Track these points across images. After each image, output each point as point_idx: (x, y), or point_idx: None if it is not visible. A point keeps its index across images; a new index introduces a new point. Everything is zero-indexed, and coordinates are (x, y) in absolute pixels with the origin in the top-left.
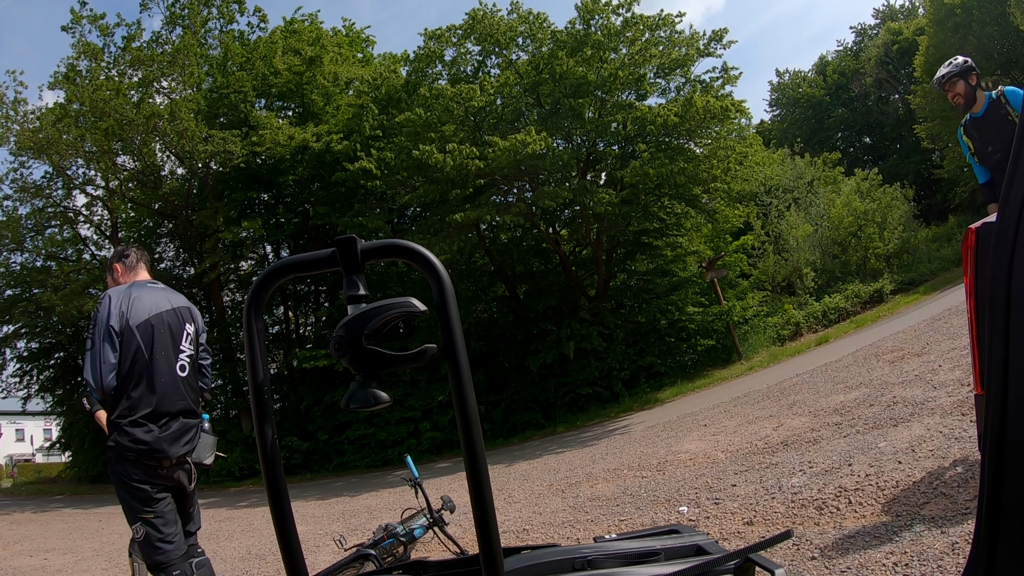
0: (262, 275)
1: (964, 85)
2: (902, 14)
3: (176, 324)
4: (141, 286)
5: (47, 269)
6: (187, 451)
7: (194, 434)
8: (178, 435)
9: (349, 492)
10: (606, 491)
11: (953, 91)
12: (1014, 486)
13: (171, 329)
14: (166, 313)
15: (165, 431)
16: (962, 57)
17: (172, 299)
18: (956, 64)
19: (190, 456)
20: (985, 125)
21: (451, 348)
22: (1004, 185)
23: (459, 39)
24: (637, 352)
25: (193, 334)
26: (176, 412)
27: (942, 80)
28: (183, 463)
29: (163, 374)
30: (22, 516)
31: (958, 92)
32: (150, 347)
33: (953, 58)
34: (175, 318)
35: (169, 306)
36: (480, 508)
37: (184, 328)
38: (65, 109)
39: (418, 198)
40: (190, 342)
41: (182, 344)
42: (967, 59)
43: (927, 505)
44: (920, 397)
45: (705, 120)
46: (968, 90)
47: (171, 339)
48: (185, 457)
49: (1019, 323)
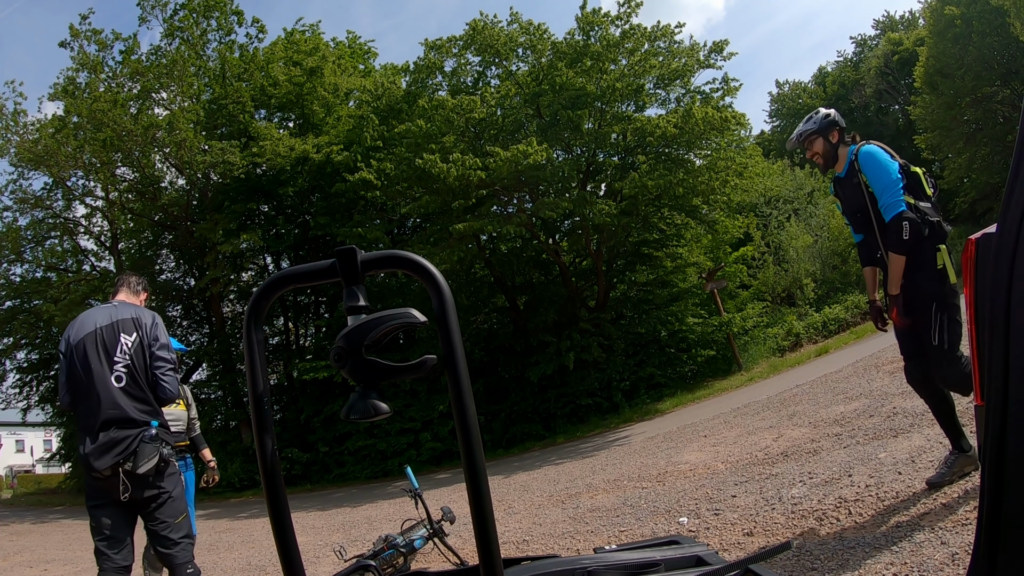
0: (262, 286)
1: (823, 143)
2: (902, 25)
3: (111, 337)
4: (98, 308)
5: (47, 280)
6: (117, 462)
7: (128, 444)
8: (108, 446)
9: (349, 503)
10: (606, 502)
11: (811, 150)
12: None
13: (104, 343)
14: (103, 328)
15: (94, 443)
16: (824, 110)
17: (117, 314)
18: (815, 119)
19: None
20: (846, 188)
21: (451, 359)
22: (1004, 197)
23: (459, 50)
24: (637, 363)
25: (134, 344)
26: (109, 423)
27: (800, 137)
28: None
29: (97, 388)
30: (22, 527)
31: (816, 152)
32: (84, 364)
33: (814, 111)
34: (111, 332)
35: (108, 321)
36: (480, 519)
37: (119, 340)
38: (64, 121)
39: (418, 208)
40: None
41: (116, 355)
42: (829, 113)
43: (927, 516)
44: (920, 408)
45: (705, 131)
46: (827, 148)
47: (104, 352)
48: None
49: (1018, 334)
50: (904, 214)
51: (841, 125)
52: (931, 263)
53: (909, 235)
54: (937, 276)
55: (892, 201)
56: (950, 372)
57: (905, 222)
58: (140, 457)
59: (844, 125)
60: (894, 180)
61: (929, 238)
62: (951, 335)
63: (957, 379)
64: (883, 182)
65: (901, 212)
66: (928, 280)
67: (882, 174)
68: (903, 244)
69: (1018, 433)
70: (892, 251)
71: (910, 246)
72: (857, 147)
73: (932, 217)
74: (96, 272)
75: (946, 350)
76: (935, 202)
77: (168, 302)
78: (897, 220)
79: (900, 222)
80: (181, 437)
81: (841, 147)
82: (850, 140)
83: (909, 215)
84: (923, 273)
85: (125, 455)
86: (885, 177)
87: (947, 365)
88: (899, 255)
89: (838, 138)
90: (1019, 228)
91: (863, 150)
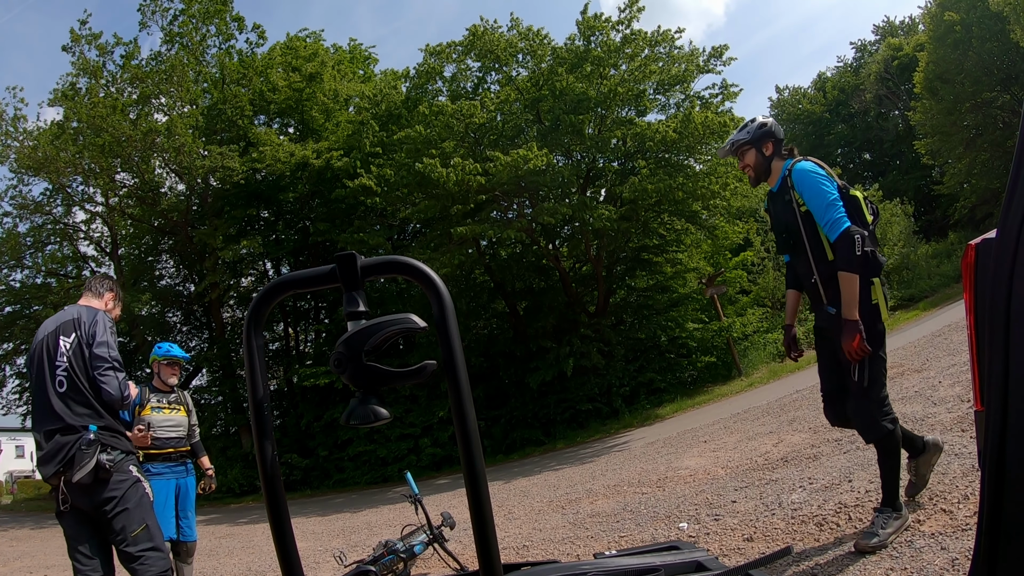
0: (262, 292)
1: (755, 155)
2: (902, 30)
3: (52, 341)
4: (52, 316)
5: (47, 286)
6: (58, 469)
7: (67, 451)
8: (51, 455)
9: (349, 508)
10: (606, 507)
11: (743, 161)
12: (1014, 501)
13: (47, 348)
14: (48, 336)
15: (41, 451)
16: (760, 119)
17: (63, 317)
18: (749, 129)
19: (65, 475)
20: (777, 204)
21: (451, 364)
22: (1004, 202)
23: (459, 55)
24: (637, 368)
25: (73, 345)
26: (53, 431)
27: (732, 147)
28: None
29: (43, 395)
30: (21, 532)
31: (748, 163)
32: (33, 372)
33: (750, 120)
34: (54, 337)
35: (53, 326)
36: (480, 524)
37: (59, 344)
38: (63, 127)
39: (418, 214)
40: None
41: (57, 360)
42: (764, 122)
43: (927, 521)
44: (920, 413)
45: (704, 136)
46: (759, 161)
47: (47, 359)
48: (60, 476)
49: (1018, 340)
50: (852, 229)
51: (776, 136)
52: (863, 296)
53: (862, 250)
54: (868, 311)
55: (837, 217)
56: (863, 411)
57: (856, 236)
58: (74, 464)
59: (781, 137)
60: (835, 198)
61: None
62: (872, 373)
63: (867, 420)
64: (823, 200)
65: (848, 227)
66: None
67: (820, 192)
68: (855, 260)
69: (1018, 438)
70: (844, 270)
71: (864, 262)
72: (793, 162)
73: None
74: None
75: (866, 388)
76: (873, 231)
77: (168, 307)
78: (845, 236)
79: (850, 237)
80: (182, 443)
81: (775, 160)
82: (787, 153)
83: (858, 229)
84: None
85: (65, 462)
86: (824, 196)
87: (863, 405)
88: (852, 273)
89: (772, 150)
90: (1019, 233)
91: (798, 166)
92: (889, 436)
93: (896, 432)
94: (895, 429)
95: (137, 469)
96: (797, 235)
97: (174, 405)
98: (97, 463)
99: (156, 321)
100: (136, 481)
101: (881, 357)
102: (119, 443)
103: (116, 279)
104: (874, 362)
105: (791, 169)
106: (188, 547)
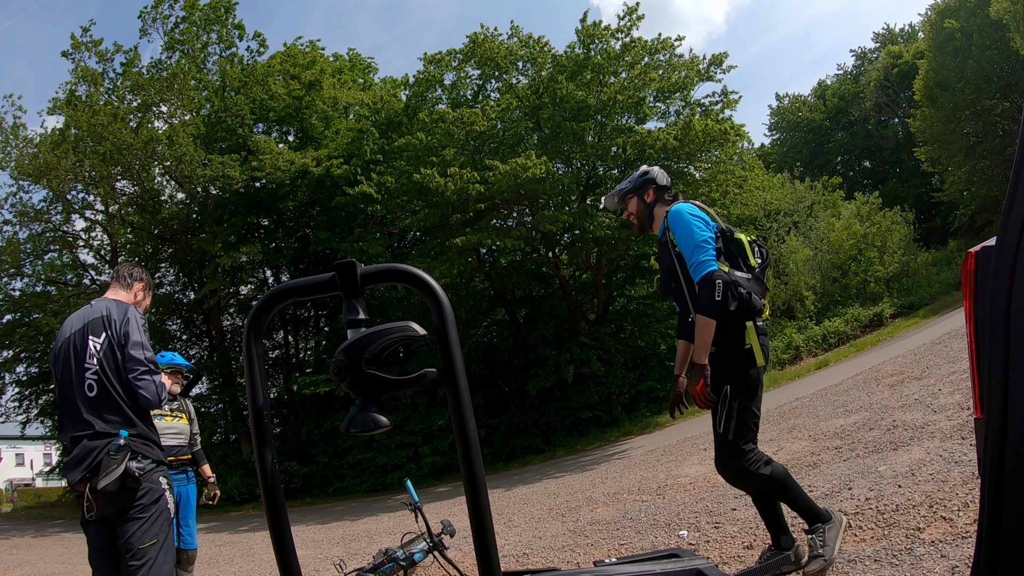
0: (262, 300)
1: (637, 202)
2: (902, 37)
3: (80, 343)
4: (79, 311)
5: (46, 294)
6: (83, 476)
7: (94, 457)
8: (78, 460)
9: (349, 516)
10: (606, 515)
11: (627, 210)
12: (1013, 509)
13: (75, 349)
14: (75, 334)
15: (67, 456)
16: (644, 168)
17: (90, 313)
18: (631, 178)
19: (92, 480)
20: (660, 248)
21: (451, 372)
22: (1004, 210)
23: (459, 63)
24: (637, 376)
25: (103, 346)
26: (80, 436)
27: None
28: (86, 488)
29: (70, 398)
30: (22, 540)
31: (631, 212)
32: (60, 372)
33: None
34: (81, 336)
35: (80, 324)
36: (480, 532)
37: (88, 344)
38: (63, 134)
39: (418, 222)
40: (97, 358)
41: (86, 362)
42: (648, 170)
43: (927, 529)
44: (920, 421)
45: (704, 144)
46: (642, 208)
47: (75, 360)
48: (85, 482)
49: (1018, 347)
50: (715, 273)
51: (658, 183)
52: (736, 340)
53: (722, 295)
54: (740, 355)
55: (702, 260)
56: (730, 464)
57: (718, 280)
58: (102, 470)
59: (664, 183)
60: (704, 240)
61: (736, 312)
62: (739, 425)
63: (735, 474)
64: (691, 242)
65: (712, 271)
66: (729, 358)
67: (690, 233)
68: (714, 306)
69: (1018, 446)
70: (701, 314)
71: (722, 308)
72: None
73: (744, 289)
74: (96, 286)
75: (730, 441)
76: (758, 274)
77: (168, 315)
78: (707, 280)
79: (711, 282)
80: (183, 451)
81: (658, 207)
82: (671, 199)
83: (721, 275)
84: (725, 350)
85: (91, 468)
86: (693, 237)
87: (728, 457)
88: (708, 318)
89: (654, 197)
90: (1019, 241)
91: (673, 209)
92: (767, 480)
93: (775, 469)
94: (771, 469)
95: (166, 480)
96: (676, 276)
97: (176, 413)
98: (126, 470)
99: (156, 329)
100: (161, 495)
101: (749, 409)
102: (151, 451)
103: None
104: (740, 413)
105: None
106: (189, 555)
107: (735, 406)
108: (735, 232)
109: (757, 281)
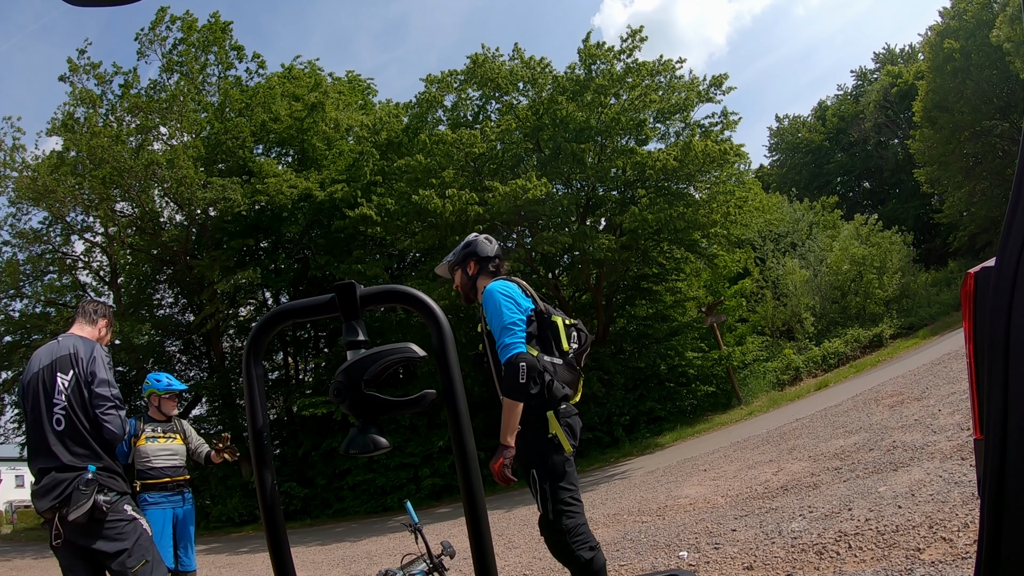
0: (261, 321)
1: (460, 275)
2: (902, 58)
3: (49, 378)
4: (46, 345)
5: (46, 315)
6: (53, 506)
7: (64, 489)
8: (47, 490)
9: (349, 538)
10: (606, 536)
11: (454, 282)
12: (1013, 530)
13: (44, 385)
14: (43, 369)
15: (37, 486)
16: (470, 237)
17: (58, 350)
18: (455, 250)
19: (61, 510)
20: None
21: (450, 394)
22: (1003, 231)
23: (461, 84)
24: (637, 397)
25: (71, 383)
26: (48, 468)
27: (448, 266)
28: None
29: (39, 430)
30: (22, 562)
31: (456, 284)
32: (30, 406)
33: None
34: (49, 372)
35: (49, 360)
36: (480, 553)
37: (56, 381)
38: (62, 157)
39: (417, 244)
40: (66, 395)
41: (55, 398)
42: (470, 241)
43: (927, 549)
44: (920, 441)
45: (704, 164)
46: (464, 281)
47: (44, 395)
48: (55, 511)
49: (1018, 368)
50: (521, 356)
51: (479, 255)
52: (539, 428)
53: (527, 378)
54: (544, 444)
55: (508, 342)
56: (555, 540)
57: (522, 363)
58: (72, 503)
59: (485, 254)
60: (512, 322)
61: (538, 398)
62: (556, 504)
63: (559, 550)
64: (499, 323)
65: (518, 353)
66: (531, 446)
67: (499, 314)
68: (519, 389)
69: (1017, 467)
70: (505, 396)
71: (527, 392)
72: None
73: (549, 375)
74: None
75: (551, 520)
76: (571, 359)
77: (167, 337)
78: (511, 363)
79: (515, 364)
80: (180, 471)
81: (481, 278)
82: (494, 270)
83: (527, 358)
84: (529, 436)
85: (60, 499)
86: (502, 318)
87: (552, 533)
88: (514, 400)
89: (475, 269)
90: (1018, 262)
91: (487, 288)
92: (587, 565)
93: (596, 559)
94: (594, 556)
95: (132, 508)
96: (487, 354)
97: (169, 434)
98: (94, 504)
99: (155, 350)
100: (132, 520)
101: (562, 488)
102: (115, 484)
103: (111, 305)
104: (554, 494)
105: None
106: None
107: (547, 488)
108: (553, 315)
109: (568, 367)
